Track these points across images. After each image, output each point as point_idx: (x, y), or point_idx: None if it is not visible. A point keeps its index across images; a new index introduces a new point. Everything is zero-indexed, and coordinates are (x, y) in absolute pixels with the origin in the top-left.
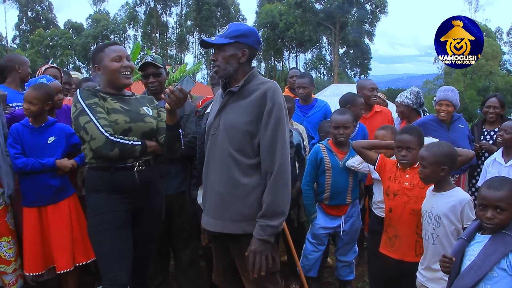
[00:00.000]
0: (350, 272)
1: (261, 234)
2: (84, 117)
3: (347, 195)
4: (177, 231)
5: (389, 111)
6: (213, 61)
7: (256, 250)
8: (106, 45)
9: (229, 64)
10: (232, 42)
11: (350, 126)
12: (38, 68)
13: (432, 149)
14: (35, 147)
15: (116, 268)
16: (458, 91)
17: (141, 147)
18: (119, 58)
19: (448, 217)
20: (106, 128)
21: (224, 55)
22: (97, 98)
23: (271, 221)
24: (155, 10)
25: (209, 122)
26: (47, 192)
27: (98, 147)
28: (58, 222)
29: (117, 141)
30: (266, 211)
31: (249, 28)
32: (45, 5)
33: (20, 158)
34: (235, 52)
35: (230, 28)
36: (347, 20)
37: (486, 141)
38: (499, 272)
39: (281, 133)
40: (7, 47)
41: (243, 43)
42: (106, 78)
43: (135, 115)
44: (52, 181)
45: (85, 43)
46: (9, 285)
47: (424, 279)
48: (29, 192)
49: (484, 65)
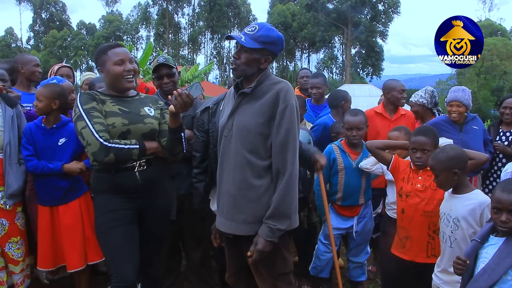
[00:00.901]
0: (362, 273)
1: (270, 235)
2: (81, 122)
3: (360, 195)
4: (188, 231)
5: (412, 115)
6: (234, 58)
7: (263, 250)
8: (109, 47)
9: (249, 67)
10: (260, 48)
11: (363, 128)
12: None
13: (438, 157)
14: (46, 148)
15: (124, 265)
16: (470, 91)
17: (138, 150)
18: (121, 62)
19: (467, 220)
20: (101, 134)
21: (248, 57)
22: (95, 102)
23: (281, 224)
24: (167, 11)
25: (222, 123)
26: (57, 192)
27: (93, 153)
28: (69, 222)
29: (112, 147)
30: (275, 212)
31: (278, 36)
32: (59, 6)
33: (32, 160)
34: (259, 57)
35: (261, 30)
36: (360, 20)
37: (501, 142)
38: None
39: (292, 135)
40: (22, 48)
41: (269, 50)
42: (108, 81)
43: (134, 117)
44: (61, 183)
45: (97, 44)
46: (17, 285)
47: (440, 282)
48: (41, 192)
49: (498, 65)
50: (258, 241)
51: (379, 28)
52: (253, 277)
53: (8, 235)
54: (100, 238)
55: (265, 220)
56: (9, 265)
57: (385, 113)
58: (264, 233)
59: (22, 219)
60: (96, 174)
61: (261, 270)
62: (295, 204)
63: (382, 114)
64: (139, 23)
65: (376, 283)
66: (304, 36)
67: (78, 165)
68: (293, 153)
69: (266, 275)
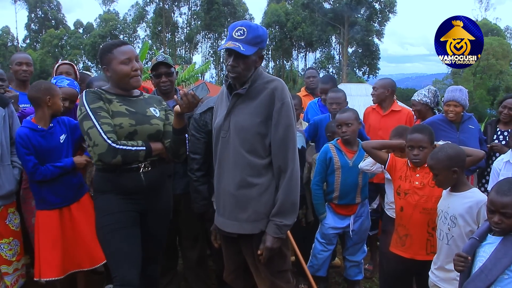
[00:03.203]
0: (359, 272)
1: (277, 232)
2: (87, 122)
3: (357, 194)
4: (185, 230)
5: (409, 112)
6: (233, 67)
7: (272, 247)
8: (114, 46)
9: (249, 71)
10: (256, 50)
11: (352, 123)
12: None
13: (437, 156)
14: (51, 149)
15: (127, 268)
16: (467, 90)
17: (145, 152)
18: (128, 61)
19: (464, 218)
20: (109, 135)
21: (247, 62)
22: (102, 102)
23: (287, 220)
24: (164, 10)
25: (217, 124)
26: (70, 191)
27: (100, 154)
28: (84, 218)
29: (120, 148)
30: (281, 209)
31: (264, 31)
32: (53, 4)
33: (38, 170)
34: (255, 58)
35: (250, 33)
36: (356, 19)
37: (499, 141)
38: (511, 275)
39: (291, 132)
40: (18, 47)
41: (262, 48)
42: (115, 81)
43: (141, 117)
44: (74, 180)
45: (93, 43)
46: (11, 285)
47: (437, 279)
48: (50, 196)
49: (494, 64)
50: (266, 239)
51: (375, 27)
52: (251, 275)
53: (0, 236)
54: (102, 240)
55: (271, 217)
56: (2, 266)
57: (378, 107)
58: (271, 231)
59: (15, 220)
60: (99, 173)
61: (260, 268)
62: (298, 200)
63: (375, 109)
64: (136, 22)
65: (373, 282)
66: (300, 36)
67: (83, 158)
68: (293, 150)
69: (264, 273)
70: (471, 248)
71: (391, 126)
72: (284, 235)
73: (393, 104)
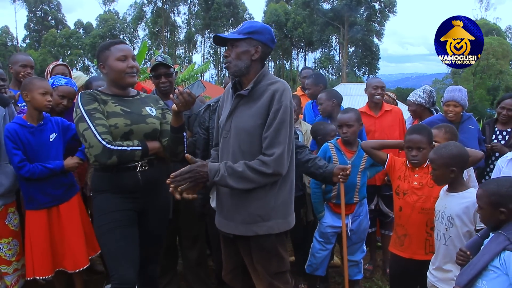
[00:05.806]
0: (358, 272)
1: (220, 169)
2: (83, 123)
3: (355, 194)
4: (185, 230)
5: (399, 110)
6: (225, 57)
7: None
8: (112, 43)
9: (241, 61)
10: (245, 38)
11: (353, 124)
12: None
13: (440, 152)
14: (38, 147)
15: (125, 266)
16: (467, 90)
17: (141, 151)
18: (124, 58)
19: (461, 218)
20: (104, 136)
21: (237, 51)
22: (97, 103)
23: (230, 178)
24: (162, 10)
25: (221, 123)
26: (59, 190)
27: (96, 155)
28: (73, 219)
29: (115, 149)
30: (236, 169)
31: (262, 25)
32: (53, 4)
33: (25, 166)
34: (248, 49)
35: (244, 25)
36: (356, 19)
37: (498, 141)
38: (495, 270)
39: (283, 135)
40: (18, 46)
41: (257, 40)
42: (111, 77)
43: (136, 117)
44: (64, 179)
45: (93, 43)
46: (11, 285)
47: (435, 279)
48: (38, 195)
49: (494, 64)
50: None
51: (375, 27)
52: (249, 276)
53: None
54: (100, 239)
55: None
56: (1, 267)
57: (369, 111)
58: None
59: (15, 220)
60: (96, 173)
61: (258, 269)
62: (248, 180)
63: (367, 112)
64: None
65: (372, 282)
66: (300, 35)
67: (74, 160)
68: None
69: (262, 274)
70: (473, 244)
71: (387, 126)
72: (214, 178)
73: (383, 104)
